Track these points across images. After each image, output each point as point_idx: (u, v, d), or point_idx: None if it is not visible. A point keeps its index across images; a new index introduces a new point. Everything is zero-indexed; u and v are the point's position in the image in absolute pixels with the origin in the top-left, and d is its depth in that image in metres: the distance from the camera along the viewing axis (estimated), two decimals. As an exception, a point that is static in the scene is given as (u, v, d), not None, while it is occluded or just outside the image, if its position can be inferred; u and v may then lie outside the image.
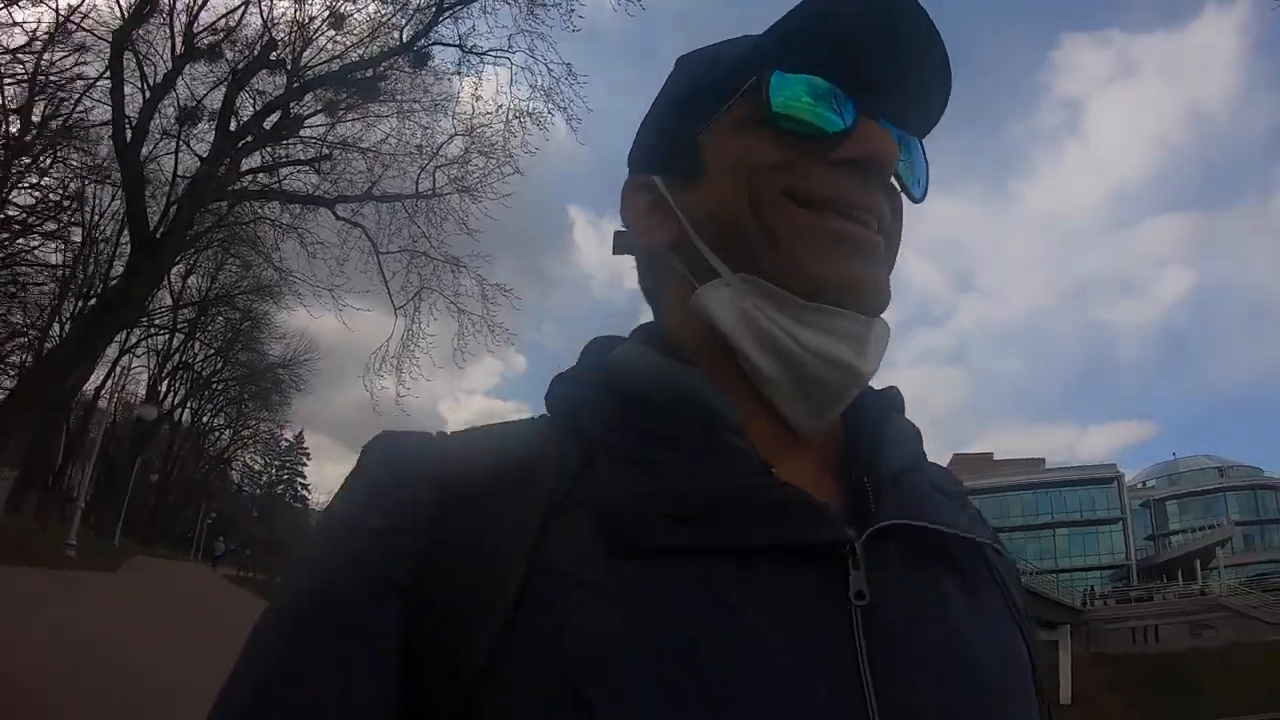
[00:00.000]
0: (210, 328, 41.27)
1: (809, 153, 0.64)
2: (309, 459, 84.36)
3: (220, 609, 21.53)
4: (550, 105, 15.29)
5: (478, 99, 15.76)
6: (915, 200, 0.71)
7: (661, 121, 0.74)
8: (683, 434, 0.60)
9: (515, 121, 15.62)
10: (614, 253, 0.78)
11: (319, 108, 17.16)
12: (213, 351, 45.84)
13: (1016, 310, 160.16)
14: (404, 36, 16.16)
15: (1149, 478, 64.70)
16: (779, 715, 0.51)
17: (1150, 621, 42.07)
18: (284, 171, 17.77)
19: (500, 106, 15.67)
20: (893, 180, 0.69)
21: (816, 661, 0.53)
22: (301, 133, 17.37)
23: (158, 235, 16.00)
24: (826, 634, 0.55)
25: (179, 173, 17.73)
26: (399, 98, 16.51)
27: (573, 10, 13.74)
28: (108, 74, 15.20)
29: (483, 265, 16.77)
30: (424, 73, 16.19)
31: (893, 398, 0.73)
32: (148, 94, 15.44)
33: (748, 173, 0.65)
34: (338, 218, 16.86)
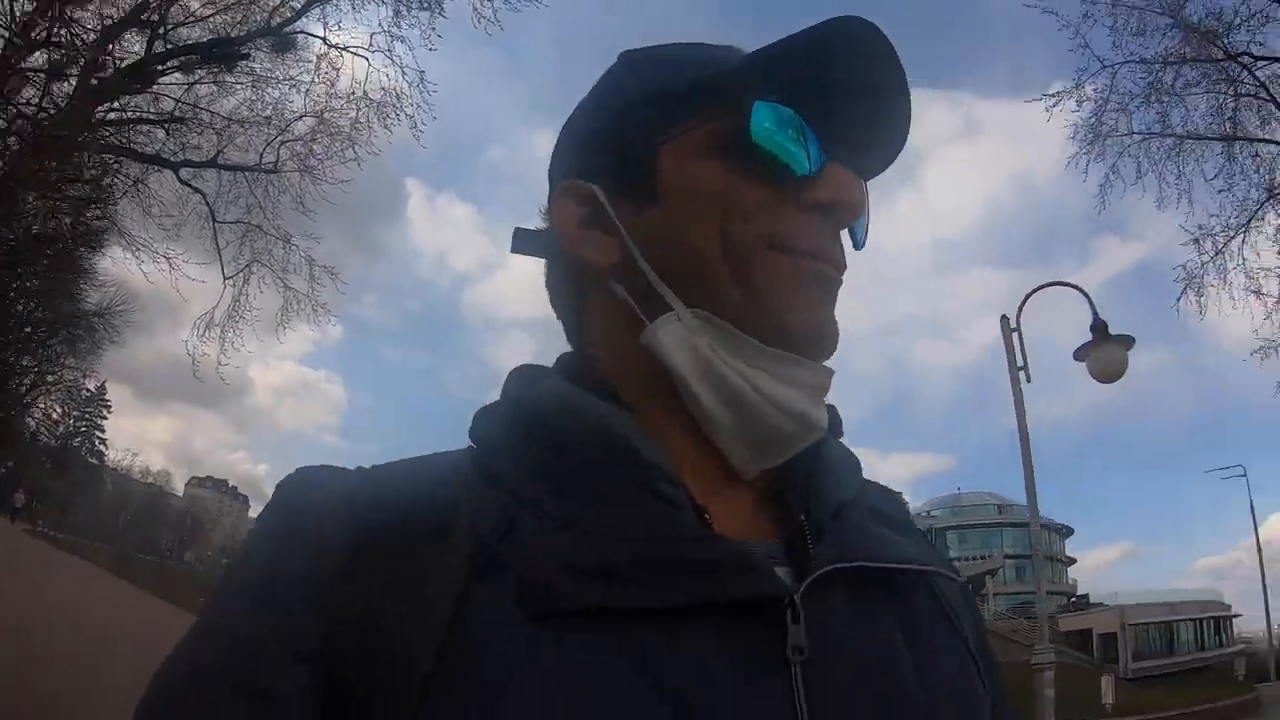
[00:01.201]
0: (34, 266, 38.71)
1: (781, 192, 0.61)
2: (109, 412, 79.48)
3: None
4: (398, 107, 15.41)
5: (333, 86, 15.92)
6: (858, 248, 0.69)
7: (605, 123, 0.68)
8: (609, 484, 0.57)
9: (363, 116, 15.86)
10: (513, 251, 0.71)
11: (175, 66, 16.52)
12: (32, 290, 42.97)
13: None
14: (271, 20, 16.40)
15: (934, 508, 69.61)
16: None
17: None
18: (133, 130, 17.43)
19: (353, 96, 15.88)
20: None
21: (762, 706, 0.52)
22: (155, 88, 17.19)
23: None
24: (765, 695, 0.52)
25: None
26: (257, 71, 16.54)
27: (434, 30, 14.47)
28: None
29: (314, 246, 16.87)
30: (285, 56, 16.31)
31: (832, 419, 0.68)
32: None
33: (723, 208, 0.61)
34: (180, 181, 16.85)
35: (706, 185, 0.62)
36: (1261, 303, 14.51)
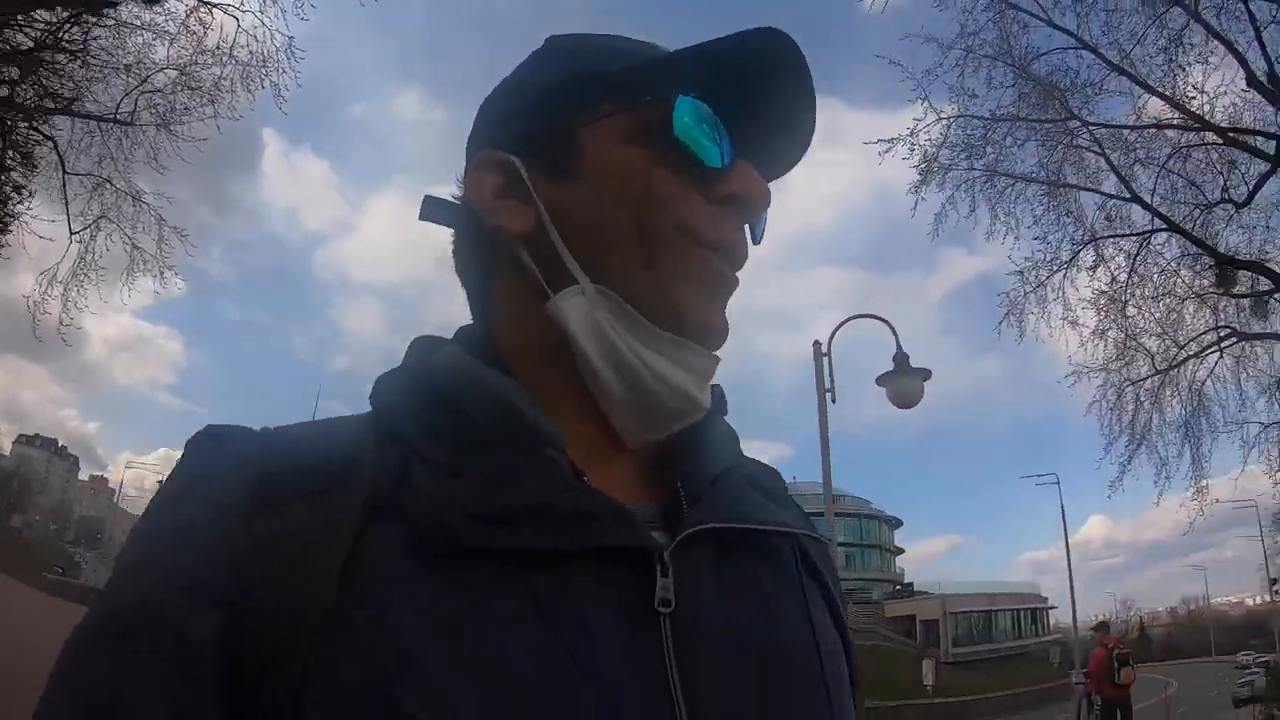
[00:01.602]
0: None
1: (695, 184, 0.65)
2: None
3: None
4: (264, 73, 14.81)
5: (200, 42, 15.08)
6: (755, 243, 0.72)
7: (529, 100, 0.70)
8: (498, 445, 0.60)
9: (228, 76, 15.23)
10: (421, 218, 0.73)
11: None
12: None
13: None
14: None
15: (773, 493, 70.62)
16: (590, 715, 0.52)
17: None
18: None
19: (219, 52, 15.02)
20: None
21: (627, 666, 0.54)
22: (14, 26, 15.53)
23: None
24: (637, 640, 0.55)
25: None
26: (123, 16, 15.37)
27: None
28: None
29: (165, 206, 16.05)
30: (155, 7, 15.10)
31: (716, 398, 0.71)
32: None
33: (640, 193, 0.64)
34: (31, 126, 15.64)
35: (626, 169, 0.64)
36: (1077, 333, 16.73)
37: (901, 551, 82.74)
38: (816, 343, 10.56)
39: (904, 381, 9.70)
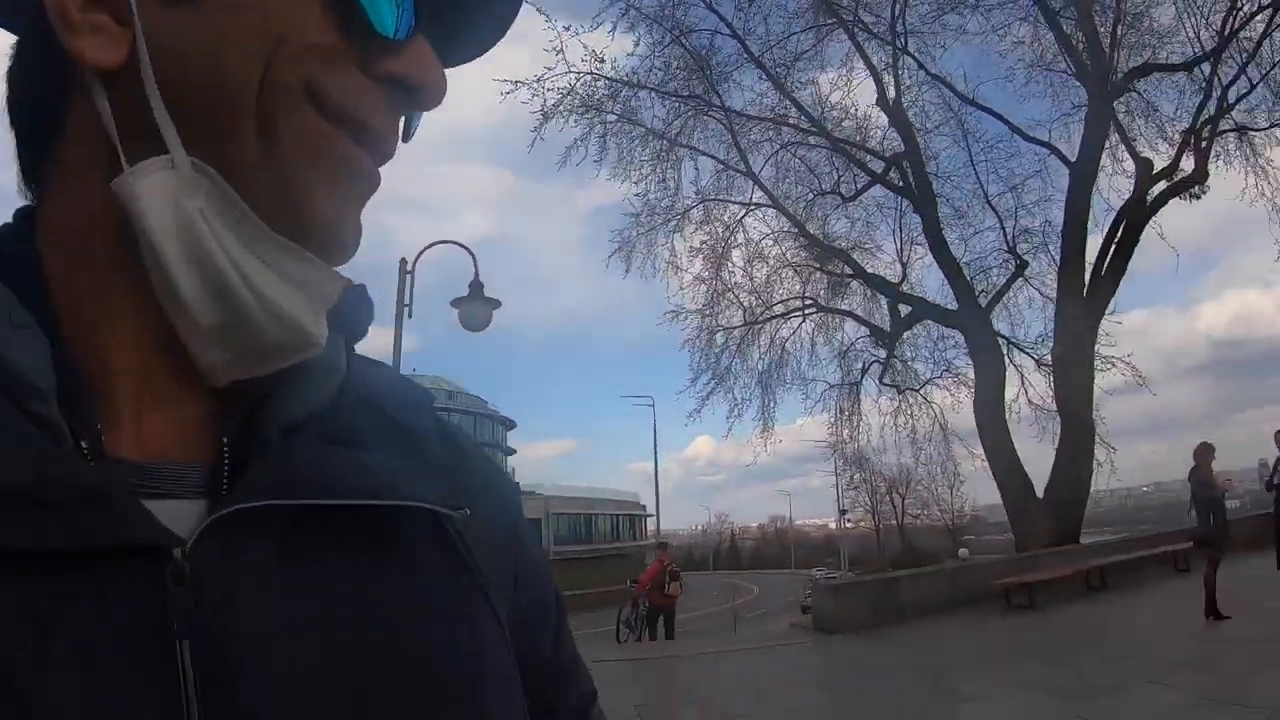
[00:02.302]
0: None
1: (354, 47, 0.48)
2: None
3: None
4: None
5: None
6: (406, 139, 0.56)
7: None
8: None
9: None
10: None
11: None
12: None
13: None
14: None
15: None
16: None
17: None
18: None
19: None
20: None
21: (134, 698, 0.39)
22: None
23: None
24: (151, 663, 0.40)
25: None
26: None
27: None
28: None
29: None
30: None
31: (350, 307, 0.57)
32: None
33: (276, 33, 0.46)
34: None
35: (266, 5, 0.46)
36: (678, 279, 19.80)
37: (514, 452, 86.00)
38: (403, 260, 10.90)
39: (475, 307, 10.46)
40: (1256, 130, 17.85)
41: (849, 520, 61.75)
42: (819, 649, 11.55)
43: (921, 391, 21.27)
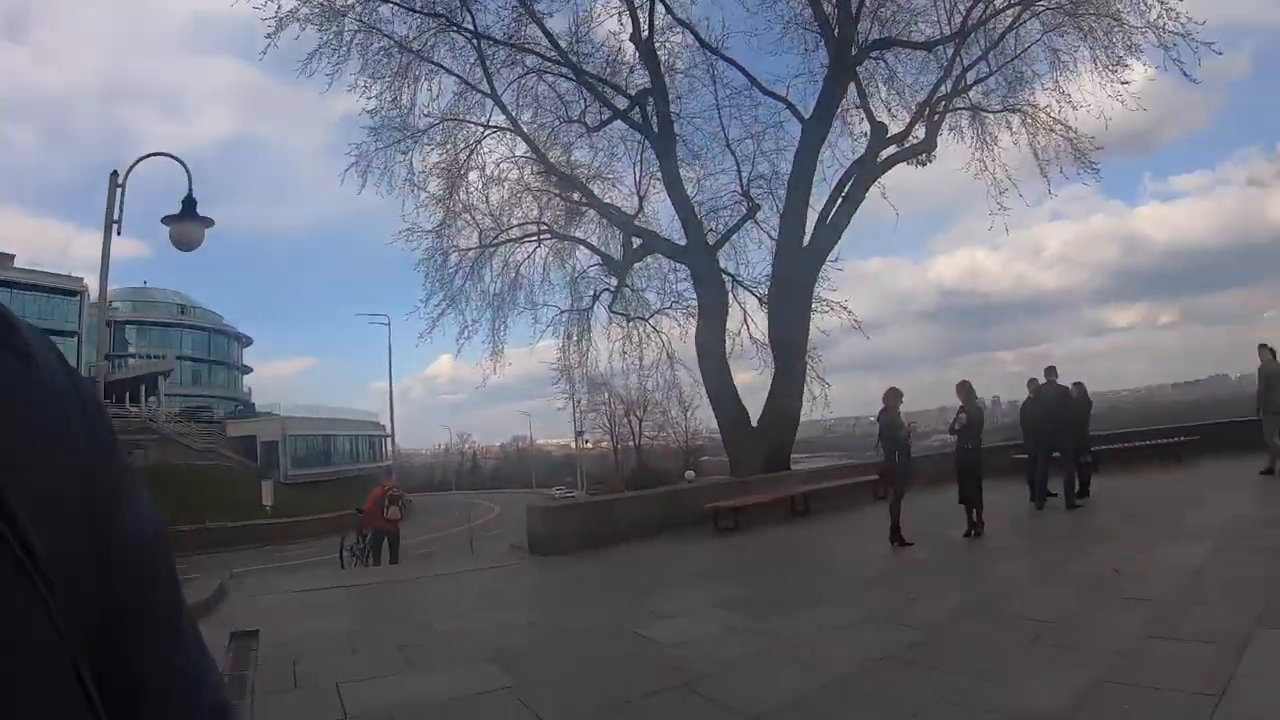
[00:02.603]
0: None
1: None
2: None
3: None
4: None
5: None
6: None
7: None
8: None
9: None
10: None
11: None
12: None
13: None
14: None
15: (117, 299, 63.65)
16: None
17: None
18: None
19: None
20: None
21: None
22: None
23: None
24: None
25: None
26: None
27: None
28: None
29: None
30: None
31: None
32: None
33: None
34: None
35: None
36: (414, 196, 20.11)
37: (250, 370, 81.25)
38: (114, 174, 10.63)
39: (186, 226, 10.18)
40: (990, 112, 20.07)
41: (587, 441, 63.85)
42: (532, 570, 12.00)
43: (650, 320, 22.15)
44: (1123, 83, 18.18)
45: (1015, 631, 6.27)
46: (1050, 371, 13.89)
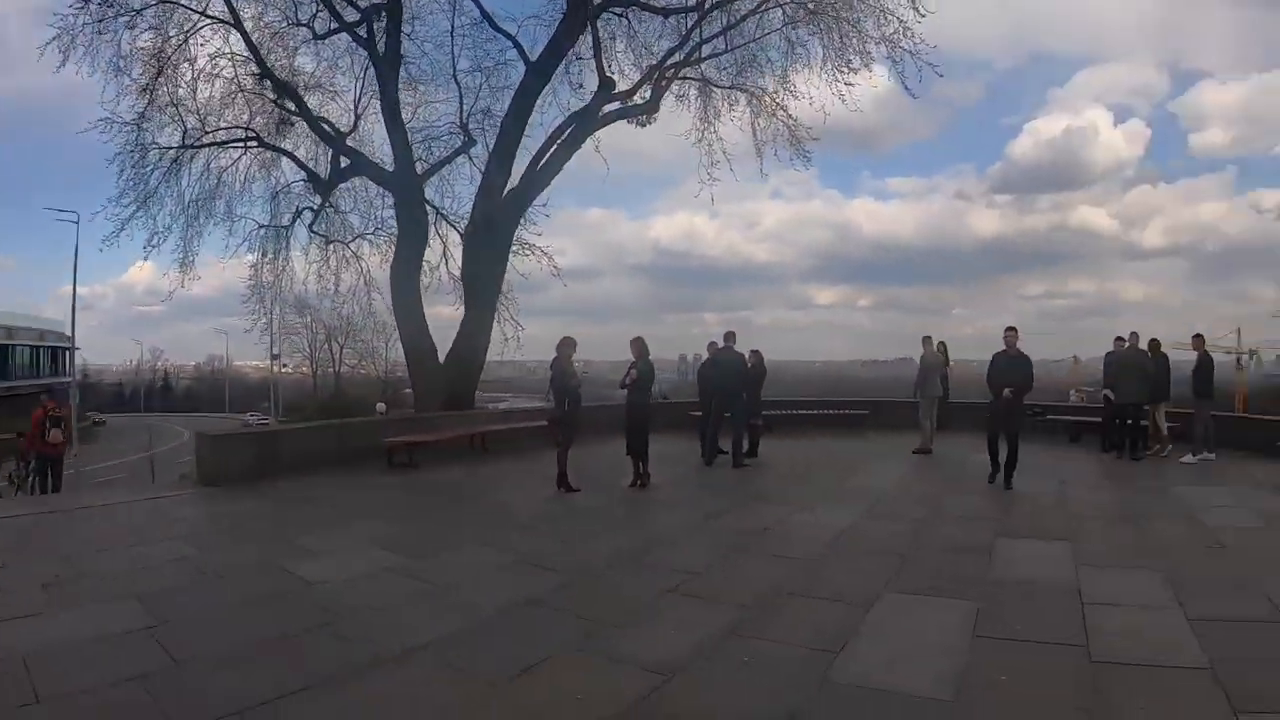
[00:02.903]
0: None
1: None
2: None
3: None
4: None
5: None
6: None
7: None
8: None
9: None
10: None
11: None
12: None
13: None
14: None
15: None
16: None
17: None
18: None
19: None
20: None
21: None
22: None
23: None
24: None
25: None
26: None
27: None
28: None
29: None
30: None
31: None
32: None
33: None
34: None
35: None
36: (118, 82, 17.19)
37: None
38: None
39: None
40: (719, 86, 20.40)
41: (285, 365, 60.18)
42: (196, 501, 11.15)
43: (351, 245, 21.13)
44: (847, 84, 19.09)
45: (659, 581, 6.44)
46: (729, 337, 14.62)
